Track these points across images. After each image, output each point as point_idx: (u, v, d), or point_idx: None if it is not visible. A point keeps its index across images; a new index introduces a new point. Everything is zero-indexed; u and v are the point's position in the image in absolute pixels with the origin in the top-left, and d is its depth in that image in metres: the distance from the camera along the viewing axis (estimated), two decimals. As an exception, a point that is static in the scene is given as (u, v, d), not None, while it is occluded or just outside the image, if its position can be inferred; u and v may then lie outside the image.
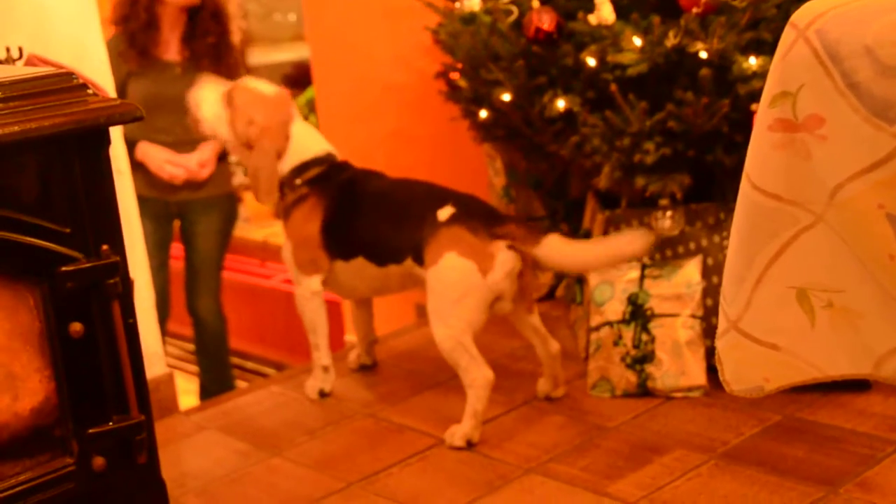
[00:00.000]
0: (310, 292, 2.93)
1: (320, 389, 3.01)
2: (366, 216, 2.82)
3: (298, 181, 2.87)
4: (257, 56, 6.53)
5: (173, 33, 3.52)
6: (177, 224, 3.70)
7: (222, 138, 2.97)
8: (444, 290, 2.63)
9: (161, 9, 3.47)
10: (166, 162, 3.46)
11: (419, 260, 2.68)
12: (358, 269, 2.85)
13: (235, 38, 3.64)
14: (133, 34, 3.44)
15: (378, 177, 2.91)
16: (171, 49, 3.53)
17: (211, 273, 3.76)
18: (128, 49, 3.44)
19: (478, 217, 2.64)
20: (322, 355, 3.01)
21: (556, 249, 2.62)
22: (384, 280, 2.85)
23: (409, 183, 2.87)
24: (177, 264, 3.78)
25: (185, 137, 3.48)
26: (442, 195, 2.72)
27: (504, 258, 2.61)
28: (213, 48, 3.54)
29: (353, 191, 2.85)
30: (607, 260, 2.67)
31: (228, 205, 3.74)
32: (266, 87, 2.95)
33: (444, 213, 2.65)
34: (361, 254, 2.82)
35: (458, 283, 2.61)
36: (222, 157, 3.59)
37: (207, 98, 2.94)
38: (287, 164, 2.88)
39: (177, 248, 3.77)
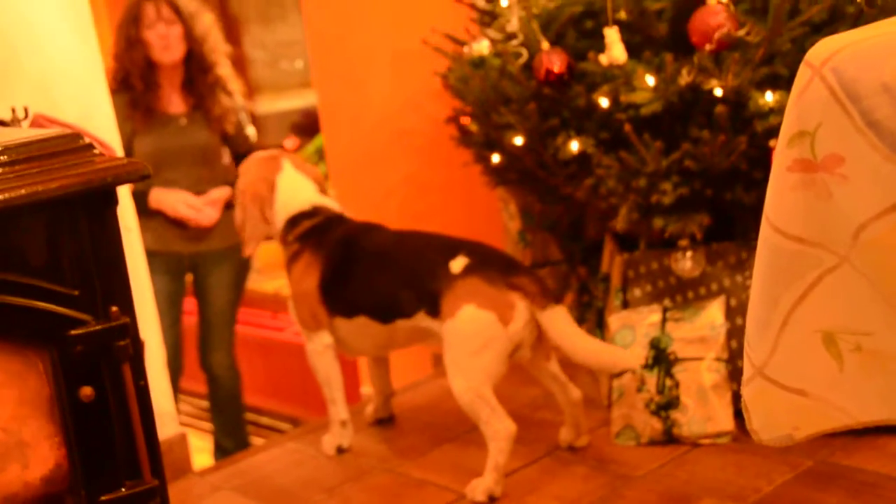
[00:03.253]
0: (321, 347, 2.94)
1: (338, 445, 3.01)
2: (368, 272, 2.83)
3: (290, 237, 2.93)
4: (265, 104, 6.59)
5: (173, 86, 3.60)
6: (189, 278, 3.73)
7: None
8: (463, 343, 2.63)
9: (156, 69, 3.55)
10: (181, 203, 3.51)
11: (432, 313, 2.68)
12: (361, 327, 2.86)
13: (227, 68, 3.73)
14: (134, 98, 3.52)
15: (378, 230, 2.92)
16: (174, 102, 3.60)
17: (224, 327, 3.78)
18: (132, 111, 3.51)
19: (493, 266, 2.65)
20: (339, 410, 3.01)
21: (557, 324, 2.63)
22: (390, 337, 2.86)
23: (412, 234, 2.88)
24: (189, 320, 3.80)
25: (196, 188, 3.56)
26: (452, 245, 2.73)
27: (523, 307, 2.61)
28: (213, 87, 3.62)
29: (352, 246, 2.87)
30: (596, 361, 2.67)
31: (240, 256, 3.75)
32: (261, 153, 3.09)
33: (458, 264, 2.66)
34: (364, 312, 2.83)
35: (479, 335, 2.61)
36: (231, 205, 3.62)
37: None
38: (278, 219, 2.97)
39: (189, 303, 3.79)
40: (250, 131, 3.79)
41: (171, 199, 3.52)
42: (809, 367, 1.41)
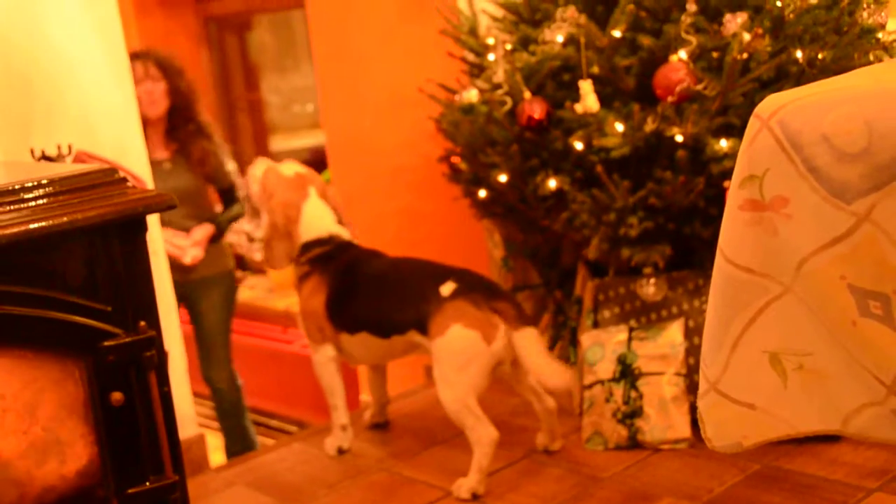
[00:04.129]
0: (325, 358, 2.94)
1: (339, 447, 3.00)
2: (368, 294, 2.83)
3: (303, 259, 2.92)
4: (278, 143, 6.60)
5: (157, 134, 3.54)
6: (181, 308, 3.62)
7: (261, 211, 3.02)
8: (451, 358, 2.63)
9: (143, 121, 3.42)
10: (168, 243, 3.42)
11: (423, 331, 2.69)
12: (362, 342, 2.87)
13: (206, 115, 3.67)
14: None
15: (378, 257, 2.93)
16: (158, 147, 3.54)
17: (220, 346, 3.69)
18: None
19: (478, 291, 2.65)
20: (340, 415, 3.00)
21: (526, 343, 2.62)
22: (388, 349, 2.87)
23: (408, 261, 2.89)
24: (187, 328, 3.70)
25: (183, 226, 3.51)
26: (442, 272, 2.73)
27: (504, 327, 2.62)
28: (194, 134, 3.57)
29: (355, 270, 2.88)
30: (548, 380, 2.65)
31: (227, 281, 3.69)
32: (288, 168, 3.00)
33: (447, 288, 2.66)
34: (365, 329, 2.84)
35: (464, 352, 2.61)
36: (216, 238, 3.59)
37: (253, 176, 3.03)
38: (298, 241, 2.93)
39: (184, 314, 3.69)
40: (230, 167, 3.70)
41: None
42: (757, 383, 1.41)
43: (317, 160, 5.97)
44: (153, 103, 3.50)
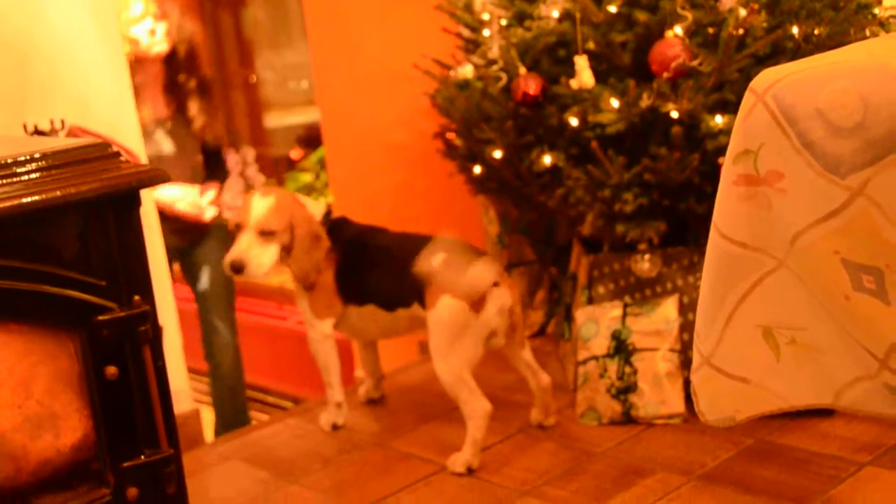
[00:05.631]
0: (322, 335, 2.94)
1: (333, 423, 3.01)
2: (376, 267, 2.84)
3: None
4: (273, 119, 6.58)
5: (156, 89, 3.41)
6: (177, 269, 3.52)
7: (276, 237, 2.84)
8: (443, 330, 2.63)
9: (138, 70, 3.34)
10: (186, 202, 3.36)
11: (423, 304, 2.70)
12: (370, 314, 2.88)
13: (207, 70, 3.56)
14: None
15: (383, 232, 2.93)
16: (158, 106, 3.41)
17: (223, 301, 3.55)
18: None
19: (466, 260, 2.65)
20: (335, 392, 3.00)
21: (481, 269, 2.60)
22: (393, 323, 2.87)
23: (410, 236, 2.89)
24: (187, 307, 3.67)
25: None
26: (437, 243, 2.73)
27: (493, 296, 2.62)
28: (197, 91, 3.45)
29: (363, 244, 2.88)
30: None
31: (223, 234, 3.47)
32: (277, 193, 2.90)
33: (437, 260, 2.66)
34: (373, 301, 2.85)
35: (454, 323, 2.62)
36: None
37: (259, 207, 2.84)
38: (315, 226, 2.90)
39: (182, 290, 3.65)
40: (220, 130, 3.60)
41: (175, 197, 3.36)
42: (750, 358, 1.42)
43: (311, 136, 5.96)
44: (154, 43, 3.34)
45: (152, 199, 3.04)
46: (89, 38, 2.84)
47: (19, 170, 1.61)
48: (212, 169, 3.61)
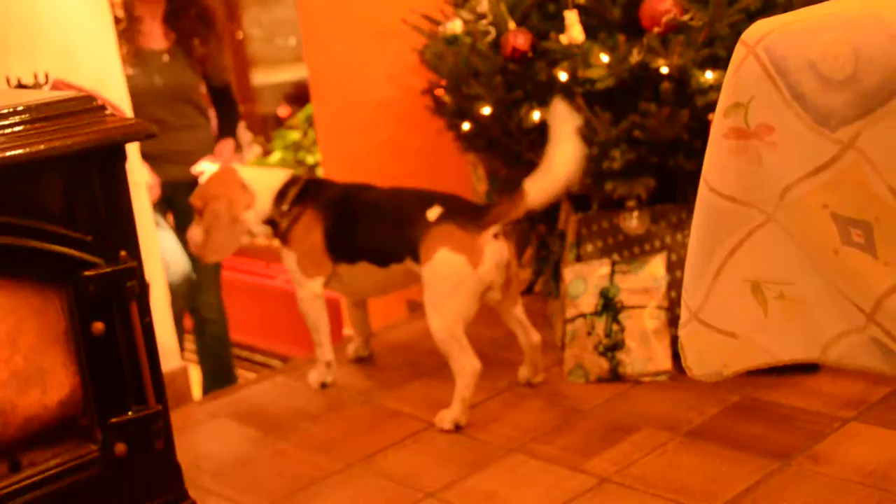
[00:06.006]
0: (312, 295, 2.93)
1: (322, 381, 3.01)
2: (366, 223, 2.82)
3: (284, 206, 2.88)
4: (261, 77, 6.53)
5: (155, 20, 3.29)
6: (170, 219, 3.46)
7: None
8: (439, 284, 2.63)
9: (137, 4, 3.24)
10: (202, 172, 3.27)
11: (416, 258, 2.69)
12: (362, 271, 2.86)
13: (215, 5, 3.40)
14: (117, 33, 3.10)
15: (369, 188, 2.91)
16: (156, 36, 3.29)
17: (212, 266, 3.50)
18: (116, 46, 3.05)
19: (464, 213, 2.64)
20: (325, 351, 3.00)
21: (538, 184, 2.60)
22: (387, 279, 2.86)
23: (398, 190, 2.87)
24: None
25: (178, 123, 3.33)
26: (429, 197, 2.72)
27: (492, 249, 2.61)
28: (197, 21, 3.32)
29: (350, 201, 2.86)
30: (579, 153, 2.60)
31: None
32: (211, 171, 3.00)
33: (433, 213, 2.65)
34: (365, 258, 2.83)
35: (451, 277, 2.61)
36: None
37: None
38: (263, 203, 2.89)
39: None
40: (226, 63, 3.51)
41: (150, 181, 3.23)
42: (738, 312, 1.42)
43: (300, 94, 5.92)
44: None
45: (137, 152, 3.00)
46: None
47: (2, 123, 1.59)
48: (221, 110, 3.49)
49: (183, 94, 3.36)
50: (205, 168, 3.29)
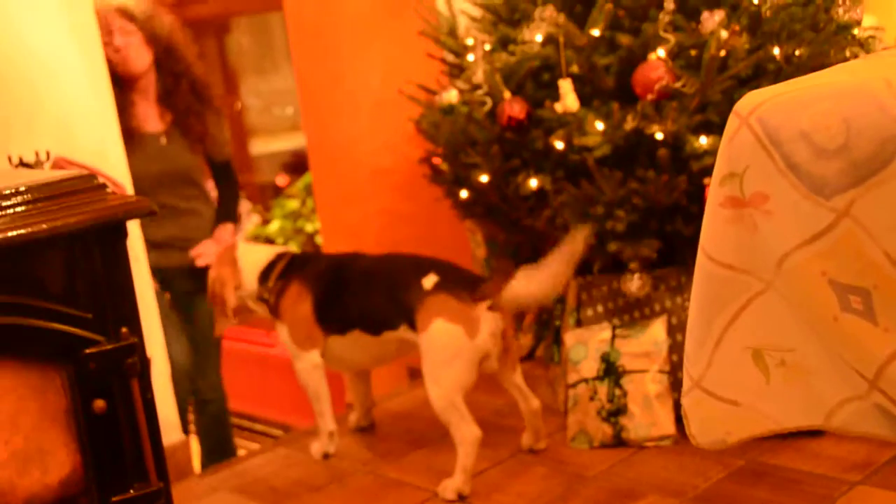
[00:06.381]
0: (311, 365, 2.92)
1: (325, 452, 2.99)
2: (357, 291, 2.82)
3: (270, 283, 2.92)
4: (258, 146, 6.58)
5: (148, 101, 3.17)
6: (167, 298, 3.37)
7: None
8: (436, 354, 2.62)
9: (126, 84, 3.13)
10: (208, 255, 3.21)
11: (411, 324, 2.68)
12: (354, 341, 2.85)
13: (200, 69, 3.27)
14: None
15: (361, 256, 2.93)
16: (151, 117, 3.17)
17: (212, 347, 3.44)
18: None
19: (460, 283, 2.65)
20: (327, 421, 2.98)
21: (525, 280, 2.60)
22: (381, 348, 2.85)
23: (391, 256, 2.89)
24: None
25: (182, 207, 3.25)
26: (424, 264, 2.73)
27: (487, 319, 2.61)
28: (192, 97, 3.19)
29: (340, 272, 2.87)
30: (566, 268, 2.61)
31: None
32: (231, 250, 3.04)
33: (429, 281, 2.66)
34: (357, 326, 2.82)
35: (448, 347, 2.61)
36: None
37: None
38: (249, 282, 2.95)
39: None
40: (226, 137, 3.38)
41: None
42: (740, 380, 1.42)
43: (297, 162, 5.96)
44: (130, 59, 3.06)
45: (137, 228, 3.01)
46: (72, 64, 2.83)
47: (5, 203, 1.60)
48: (222, 189, 3.42)
49: (184, 176, 3.25)
50: (203, 252, 3.28)
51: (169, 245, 3.27)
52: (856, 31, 2.74)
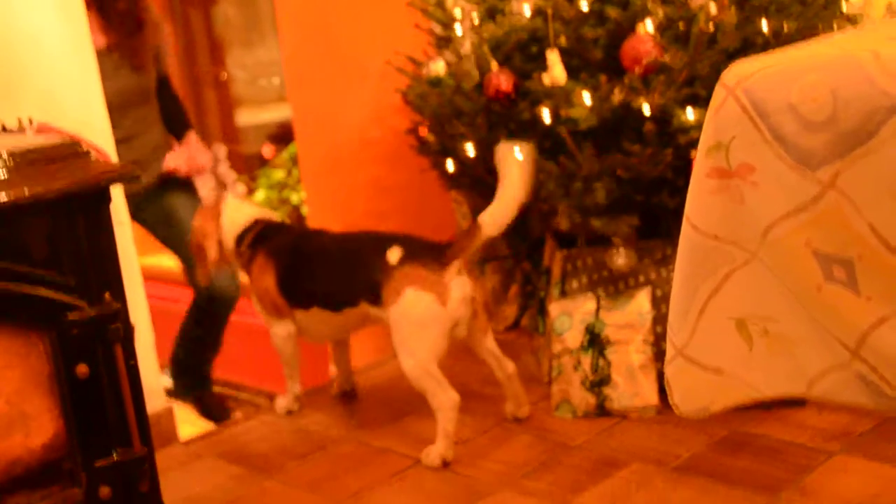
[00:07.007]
0: (286, 333, 2.98)
1: (289, 409, 3.09)
2: (316, 269, 2.86)
3: (242, 248, 2.99)
4: (245, 117, 6.54)
5: (92, 18, 3.05)
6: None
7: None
8: (409, 324, 2.62)
9: None
10: (185, 163, 3.31)
11: (375, 301, 2.68)
12: (316, 316, 2.89)
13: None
14: None
15: (322, 233, 2.97)
16: (97, 37, 3.08)
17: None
18: None
19: (425, 253, 2.64)
20: (294, 384, 3.10)
21: (491, 216, 2.62)
22: (342, 323, 2.89)
23: (352, 234, 2.91)
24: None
25: (135, 130, 3.25)
26: (386, 239, 2.72)
27: (457, 285, 2.61)
28: (127, 14, 3.17)
29: (302, 246, 2.91)
30: (525, 184, 2.61)
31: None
32: (217, 207, 3.08)
33: (394, 255, 2.65)
34: (317, 304, 2.86)
35: (421, 316, 2.61)
36: None
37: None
38: (228, 239, 3.02)
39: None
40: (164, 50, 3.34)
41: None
42: (724, 349, 1.42)
43: (284, 133, 5.92)
44: None
45: (121, 195, 2.99)
46: (55, 32, 2.79)
47: (-13, 168, 1.58)
48: (170, 102, 3.43)
49: (140, 96, 3.25)
50: (176, 162, 3.35)
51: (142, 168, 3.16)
52: (843, 6, 2.74)
